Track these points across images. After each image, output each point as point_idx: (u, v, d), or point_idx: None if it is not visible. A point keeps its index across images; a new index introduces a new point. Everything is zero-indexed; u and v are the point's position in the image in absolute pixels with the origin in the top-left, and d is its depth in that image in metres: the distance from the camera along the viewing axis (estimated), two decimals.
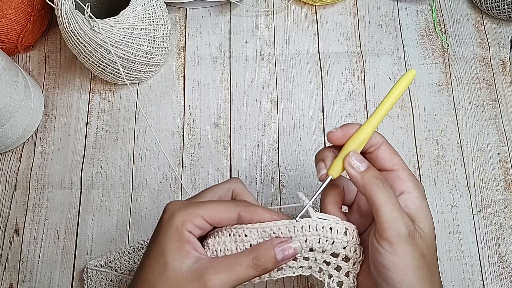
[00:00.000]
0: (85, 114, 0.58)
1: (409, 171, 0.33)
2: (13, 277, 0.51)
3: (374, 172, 0.31)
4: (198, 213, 0.30)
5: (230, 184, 0.35)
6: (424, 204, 0.32)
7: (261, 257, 0.30)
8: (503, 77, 0.58)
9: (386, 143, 0.33)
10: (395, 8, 0.62)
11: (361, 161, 0.32)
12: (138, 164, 0.55)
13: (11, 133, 0.53)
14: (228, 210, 0.31)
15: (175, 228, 0.30)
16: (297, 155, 0.55)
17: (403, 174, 0.32)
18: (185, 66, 0.59)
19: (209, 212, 0.31)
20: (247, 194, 0.35)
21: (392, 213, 0.30)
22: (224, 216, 0.31)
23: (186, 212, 0.30)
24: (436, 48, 0.59)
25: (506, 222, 0.52)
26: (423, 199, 0.32)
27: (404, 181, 0.32)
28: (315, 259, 0.33)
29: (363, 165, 0.32)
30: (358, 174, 0.31)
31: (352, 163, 0.32)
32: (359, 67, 0.59)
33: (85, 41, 0.48)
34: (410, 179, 0.32)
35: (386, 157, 0.33)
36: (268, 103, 0.57)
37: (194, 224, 0.30)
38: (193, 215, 0.30)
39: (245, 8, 0.62)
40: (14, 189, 0.54)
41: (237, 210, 0.31)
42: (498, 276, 0.50)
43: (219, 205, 0.31)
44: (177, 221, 0.30)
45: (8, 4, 0.54)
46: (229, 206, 0.31)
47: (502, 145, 0.55)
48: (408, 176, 0.33)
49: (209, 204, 0.31)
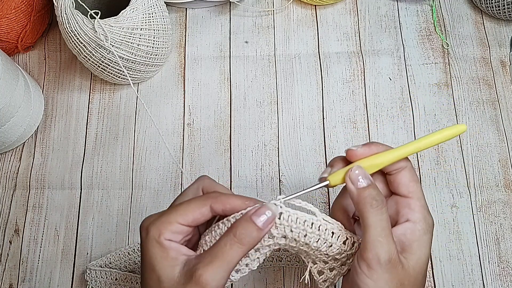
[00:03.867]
0: (85, 114, 0.58)
1: (423, 202, 0.32)
2: (13, 277, 0.51)
3: (372, 192, 0.31)
4: (171, 219, 0.30)
5: (198, 183, 0.34)
6: (424, 238, 0.31)
7: (242, 231, 0.29)
8: (503, 77, 0.58)
9: (409, 169, 0.33)
10: (395, 8, 0.62)
11: (364, 177, 0.31)
12: (138, 164, 0.55)
13: (11, 133, 0.53)
14: (198, 206, 0.31)
15: (154, 241, 0.30)
16: (297, 155, 0.55)
17: (415, 204, 0.32)
18: (185, 66, 0.59)
19: (181, 214, 0.30)
20: (217, 185, 0.34)
21: (378, 237, 0.29)
22: (196, 213, 0.30)
23: (160, 222, 0.30)
24: (436, 48, 0.59)
25: (506, 222, 0.52)
26: (426, 233, 0.32)
27: (412, 211, 0.32)
28: (307, 253, 0.33)
29: (364, 181, 0.31)
30: (355, 190, 0.31)
31: (352, 177, 0.31)
32: (359, 67, 0.59)
33: (85, 41, 0.48)
34: (420, 210, 0.32)
35: (403, 183, 0.33)
36: (268, 103, 0.57)
37: (171, 231, 0.30)
38: (167, 222, 0.30)
39: (245, 8, 0.62)
40: (14, 189, 0.55)
41: (208, 203, 0.31)
42: (498, 276, 0.50)
43: (188, 204, 0.31)
44: (154, 234, 0.30)
45: (8, 4, 0.54)
46: (198, 201, 0.31)
47: (502, 145, 0.55)
48: (420, 207, 0.32)
49: (180, 207, 0.31)
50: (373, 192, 0.31)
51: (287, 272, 0.50)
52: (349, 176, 0.31)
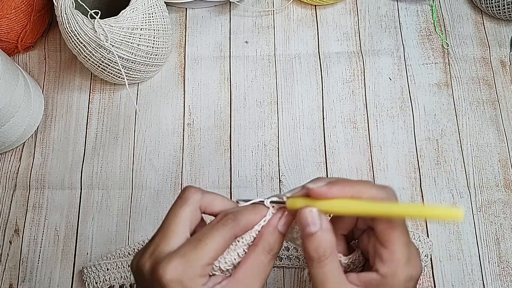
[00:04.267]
0: (85, 114, 0.58)
1: (400, 253, 0.28)
2: (13, 277, 0.51)
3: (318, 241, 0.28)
4: (201, 264, 0.28)
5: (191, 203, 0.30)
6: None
7: (271, 241, 0.29)
8: (503, 77, 0.58)
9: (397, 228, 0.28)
10: (395, 8, 0.62)
11: (313, 222, 0.28)
12: (138, 164, 0.55)
13: (11, 133, 0.53)
14: (226, 241, 0.29)
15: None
16: (297, 155, 0.55)
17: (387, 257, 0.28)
18: (185, 66, 0.59)
19: (209, 256, 0.28)
20: (214, 199, 0.32)
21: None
22: (225, 247, 0.29)
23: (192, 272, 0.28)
24: (436, 48, 0.59)
25: (506, 222, 0.52)
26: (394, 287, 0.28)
27: (383, 263, 0.28)
28: None
29: (313, 227, 0.28)
30: (301, 235, 0.29)
31: (302, 219, 0.28)
32: (359, 67, 0.59)
33: (85, 41, 0.48)
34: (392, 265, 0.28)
35: (380, 229, 0.29)
36: (268, 103, 0.57)
37: (204, 275, 0.28)
38: (200, 270, 0.28)
39: (245, 8, 0.62)
40: (14, 189, 0.55)
41: (233, 234, 0.29)
42: (498, 276, 0.50)
43: (211, 241, 0.28)
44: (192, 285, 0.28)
45: (8, 4, 0.54)
46: (223, 236, 0.29)
47: (502, 145, 0.55)
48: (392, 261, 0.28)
49: (203, 247, 0.28)
50: (318, 241, 0.28)
51: (287, 272, 0.50)
52: (298, 217, 0.29)
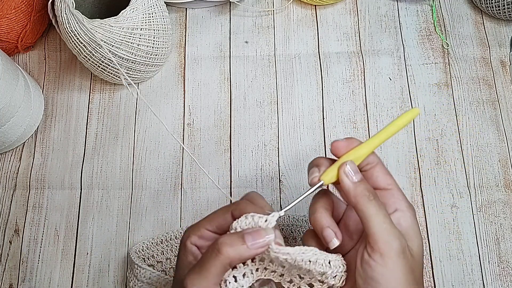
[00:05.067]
0: (85, 114, 0.58)
1: (402, 192, 0.33)
2: (13, 277, 0.51)
3: (366, 185, 0.32)
4: (200, 224, 0.33)
5: (243, 197, 0.35)
6: (415, 224, 0.32)
7: (226, 242, 0.29)
8: (503, 77, 0.58)
9: (381, 164, 0.34)
10: (395, 8, 0.62)
11: (356, 172, 0.32)
12: (138, 164, 0.55)
13: (11, 133, 0.53)
14: (223, 213, 0.33)
15: (183, 243, 0.33)
16: (297, 155, 0.55)
17: (397, 194, 0.33)
18: (185, 66, 0.59)
19: (208, 220, 0.33)
20: (257, 198, 0.34)
21: (383, 225, 0.30)
22: (220, 219, 0.33)
23: (191, 227, 0.33)
24: (436, 48, 0.59)
25: (506, 222, 0.52)
26: (415, 219, 0.33)
27: (398, 200, 0.33)
28: (290, 272, 0.32)
29: (357, 176, 0.32)
30: (352, 184, 0.32)
31: (347, 172, 0.32)
32: (359, 67, 0.59)
33: (85, 41, 0.48)
34: (404, 199, 0.33)
35: (380, 176, 0.34)
36: (268, 103, 0.57)
37: (197, 235, 0.32)
38: (195, 227, 0.33)
39: (245, 8, 0.62)
40: (14, 189, 0.55)
41: (229, 210, 0.33)
42: (498, 276, 0.50)
43: (216, 211, 0.33)
44: (184, 236, 0.33)
45: (8, 4, 0.54)
46: (223, 208, 0.33)
47: (502, 145, 0.55)
48: (403, 196, 0.33)
49: (209, 214, 0.33)
50: (367, 186, 0.32)
51: None
52: (343, 171, 0.32)
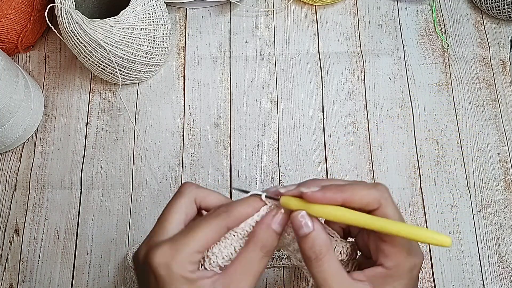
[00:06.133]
0: (85, 114, 0.58)
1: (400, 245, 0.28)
2: (13, 277, 0.51)
3: (313, 240, 0.28)
4: (191, 250, 0.28)
5: (187, 196, 0.31)
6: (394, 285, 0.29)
7: (265, 239, 0.29)
8: (503, 77, 0.58)
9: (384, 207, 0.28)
10: (395, 8, 0.62)
11: (305, 225, 0.29)
12: (138, 164, 0.55)
13: (11, 133, 0.53)
14: (218, 230, 0.29)
15: (181, 278, 0.28)
16: (297, 155, 0.55)
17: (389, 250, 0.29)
18: (185, 66, 0.59)
19: (200, 244, 0.28)
20: (208, 194, 0.32)
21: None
22: (216, 237, 0.29)
23: (180, 257, 0.28)
24: (436, 48, 0.59)
25: (506, 222, 0.52)
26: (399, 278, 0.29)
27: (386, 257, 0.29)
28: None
29: (305, 229, 0.29)
30: (296, 237, 0.29)
31: (294, 222, 0.29)
32: (359, 67, 0.59)
33: (85, 41, 0.48)
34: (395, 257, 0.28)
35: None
36: (268, 103, 0.57)
37: (193, 262, 0.28)
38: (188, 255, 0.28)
39: (245, 8, 0.62)
40: (14, 189, 0.55)
41: (224, 224, 0.29)
42: (498, 276, 0.50)
43: (203, 229, 0.29)
44: (178, 271, 0.28)
45: (8, 4, 0.54)
46: (215, 226, 0.29)
47: (502, 145, 0.55)
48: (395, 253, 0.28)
49: (195, 234, 0.28)
50: (312, 241, 0.28)
51: (287, 272, 0.50)
52: (291, 220, 0.29)
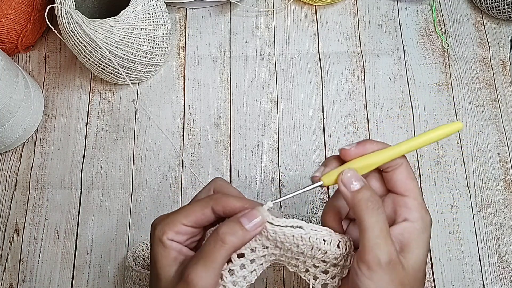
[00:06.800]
0: (85, 114, 0.58)
1: (420, 200, 0.32)
2: (13, 277, 0.51)
3: (367, 193, 0.30)
4: (176, 220, 0.31)
5: (210, 185, 0.34)
6: (421, 237, 0.31)
7: (226, 230, 0.29)
8: (503, 77, 0.58)
9: (405, 166, 0.32)
10: (395, 8, 0.62)
11: (357, 180, 0.31)
12: (138, 164, 0.55)
13: (11, 133, 0.53)
14: (201, 207, 0.31)
15: (158, 239, 0.31)
16: (297, 155, 0.55)
17: (412, 202, 0.32)
18: (185, 66, 0.59)
19: (184, 216, 0.31)
20: (228, 187, 0.34)
21: (376, 239, 0.29)
22: (199, 214, 0.31)
23: (165, 222, 0.31)
24: (436, 48, 0.60)
25: (506, 222, 0.52)
26: (424, 231, 0.31)
27: (410, 210, 0.31)
28: (304, 262, 0.33)
29: (357, 184, 0.31)
30: (349, 193, 0.31)
31: (344, 180, 0.31)
32: (359, 67, 0.59)
33: (85, 41, 0.48)
34: (417, 209, 0.31)
35: (400, 180, 0.32)
36: (268, 103, 0.57)
37: (174, 231, 0.31)
38: (171, 223, 0.31)
39: (245, 8, 0.62)
40: (14, 189, 0.55)
41: (209, 205, 0.31)
42: (498, 276, 0.50)
43: (192, 205, 0.31)
44: (158, 233, 0.31)
45: (8, 4, 0.54)
46: (201, 203, 0.31)
47: (502, 145, 0.55)
48: (417, 206, 0.32)
49: (185, 208, 0.31)
50: (367, 194, 0.30)
51: (287, 272, 0.50)
52: (341, 179, 0.31)
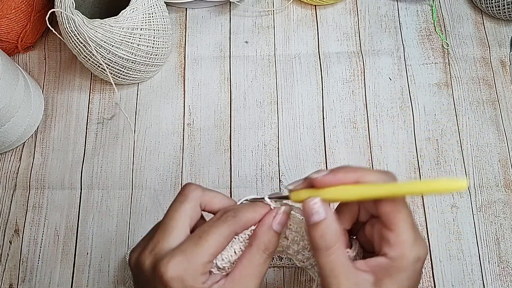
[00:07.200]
0: (85, 114, 0.58)
1: (408, 234, 0.28)
2: (13, 277, 0.51)
3: (323, 229, 0.28)
4: (202, 261, 0.28)
5: (192, 200, 0.31)
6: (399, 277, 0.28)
7: (266, 240, 0.29)
8: (503, 77, 0.58)
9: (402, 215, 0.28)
10: (395, 8, 0.62)
11: (317, 212, 0.29)
12: (138, 164, 0.55)
13: (11, 133, 0.53)
14: (226, 237, 0.29)
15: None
16: (297, 155, 0.55)
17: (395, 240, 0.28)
18: (185, 66, 0.59)
19: (209, 253, 0.29)
20: (213, 196, 0.32)
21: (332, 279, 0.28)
22: (225, 243, 0.30)
23: (192, 270, 0.28)
24: (436, 48, 0.59)
25: (506, 222, 0.52)
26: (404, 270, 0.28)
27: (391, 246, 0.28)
28: (309, 257, 0.33)
29: (316, 216, 0.29)
30: (307, 225, 0.29)
31: (306, 207, 0.29)
32: (359, 67, 0.59)
33: (85, 41, 0.48)
34: (400, 247, 0.28)
35: (384, 212, 0.29)
36: (268, 103, 0.57)
37: (204, 273, 0.29)
38: (200, 267, 0.28)
39: (245, 8, 0.62)
40: (14, 189, 0.55)
41: (232, 230, 0.30)
42: (498, 276, 0.50)
43: (212, 238, 0.29)
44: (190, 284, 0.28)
45: (8, 4, 0.54)
46: (223, 233, 0.29)
47: (502, 145, 0.55)
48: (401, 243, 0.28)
49: (203, 244, 0.28)
50: (323, 230, 0.28)
51: (287, 272, 0.50)
52: (303, 208, 0.29)
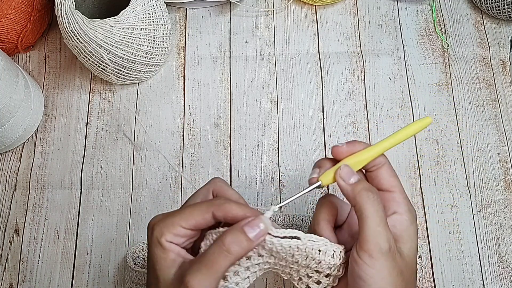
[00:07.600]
0: (85, 114, 0.58)
1: (405, 194, 0.34)
2: (13, 277, 0.51)
3: (365, 185, 0.32)
4: (175, 221, 0.31)
5: (209, 185, 0.34)
6: (411, 228, 0.33)
7: (231, 240, 0.29)
8: (503, 77, 0.58)
9: (387, 165, 0.34)
10: (395, 8, 0.62)
11: (352, 174, 0.32)
12: (138, 164, 0.55)
13: (11, 133, 0.53)
14: (202, 212, 0.31)
15: (156, 241, 0.31)
16: (297, 155, 0.55)
17: (399, 197, 0.33)
18: (185, 66, 0.59)
19: (184, 218, 0.31)
20: (227, 190, 0.34)
21: (377, 227, 0.30)
22: (199, 218, 0.31)
23: (163, 224, 0.31)
24: (436, 48, 0.60)
25: (506, 222, 0.52)
26: (412, 223, 0.33)
27: (398, 203, 0.33)
28: (298, 271, 0.33)
29: (354, 178, 0.32)
30: (348, 186, 0.32)
31: (343, 175, 0.32)
32: (359, 67, 0.59)
33: (85, 41, 0.48)
34: (404, 202, 0.33)
35: (385, 178, 0.34)
36: (268, 103, 0.57)
37: (173, 233, 0.30)
38: (170, 224, 0.31)
39: (245, 8, 0.62)
40: (14, 189, 0.55)
41: (210, 210, 0.31)
42: (498, 276, 0.50)
43: (193, 208, 0.31)
44: (157, 234, 0.31)
45: (8, 4, 0.54)
46: (202, 207, 0.31)
47: (502, 145, 0.55)
48: (403, 199, 0.33)
49: (184, 210, 0.31)
50: (366, 185, 0.32)
51: None
52: (339, 175, 0.32)
